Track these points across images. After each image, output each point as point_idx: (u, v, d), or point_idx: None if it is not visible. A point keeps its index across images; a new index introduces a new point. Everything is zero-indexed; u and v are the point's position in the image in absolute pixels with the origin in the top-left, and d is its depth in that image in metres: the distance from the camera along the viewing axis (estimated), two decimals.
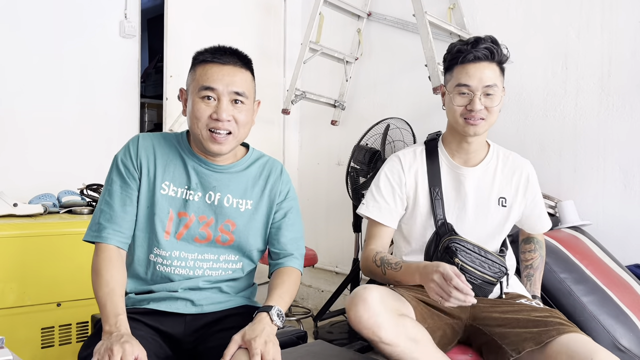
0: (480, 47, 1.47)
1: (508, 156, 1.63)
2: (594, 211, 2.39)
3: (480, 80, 1.46)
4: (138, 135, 1.39)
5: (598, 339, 1.72)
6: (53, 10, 2.71)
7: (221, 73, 1.31)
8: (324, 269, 3.61)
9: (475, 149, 1.56)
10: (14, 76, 2.61)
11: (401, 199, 1.57)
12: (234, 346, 1.16)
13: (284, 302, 1.31)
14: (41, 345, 2.00)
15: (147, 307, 1.33)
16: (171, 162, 1.36)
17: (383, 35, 3.31)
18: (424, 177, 1.55)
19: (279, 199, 1.44)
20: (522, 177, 1.61)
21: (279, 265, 1.42)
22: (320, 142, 3.70)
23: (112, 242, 1.30)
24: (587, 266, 1.97)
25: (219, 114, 1.28)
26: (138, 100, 3.06)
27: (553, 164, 2.54)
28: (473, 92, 1.47)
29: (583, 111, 2.45)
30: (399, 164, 1.58)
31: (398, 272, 1.43)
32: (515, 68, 2.66)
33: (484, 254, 1.46)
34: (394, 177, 1.57)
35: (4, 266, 1.92)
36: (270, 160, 1.47)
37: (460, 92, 1.48)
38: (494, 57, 1.48)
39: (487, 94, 1.47)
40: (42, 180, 2.57)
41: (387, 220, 1.57)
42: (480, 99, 1.46)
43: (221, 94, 1.30)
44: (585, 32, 2.45)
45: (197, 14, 3.28)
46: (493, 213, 1.56)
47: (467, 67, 1.48)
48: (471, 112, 1.47)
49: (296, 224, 1.46)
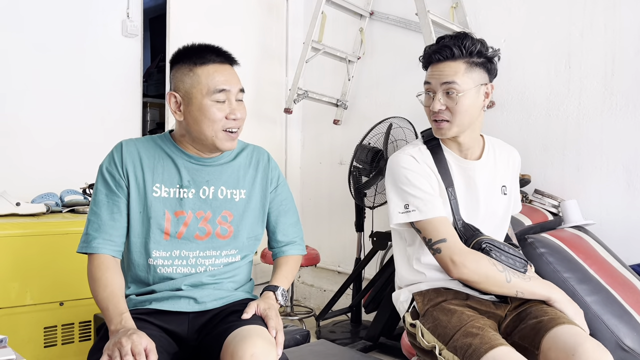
0: (441, 46, 1.44)
1: (501, 145, 1.62)
2: (597, 210, 2.38)
3: (439, 78, 1.43)
4: (121, 142, 1.38)
5: (602, 338, 1.72)
6: (56, 9, 2.71)
7: (228, 73, 1.34)
8: (327, 269, 3.61)
9: (469, 145, 1.53)
10: (18, 75, 2.61)
11: (433, 187, 1.48)
12: (253, 308, 1.29)
13: (288, 282, 1.45)
14: (44, 345, 2.00)
15: (150, 307, 1.33)
16: (159, 163, 1.37)
17: (385, 34, 3.31)
18: (437, 176, 1.51)
19: (272, 187, 1.48)
20: (515, 163, 1.62)
21: (283, 252, 1.51)
22: (322, 141, 3.70)
23: (103, 251, 1.31)
24: (590, 266, 1.96)
25: (235, 114, 1.33)
26: (140, 100, 3.06)
27: (556, 163, 2.53)
28: (433, 92, 1.45)
29: (586, 110, 2.45)
30: (414, 159, 1.49)
31: (528, 282, 1.41)
32: (518, 67, 2.65)
33: (509, 249, 1.46)
34: (419, 170, 1.47)
35: (7, 265, 1.92)
36: (256, 148, 1.51)
37: (425, 92, 1.47)
38: (454, 55, 1.42)
39: (447, 92, 1.42)
40: (45, 179, 2.57)
41: (441, 210, 1.43)
42: (440, 99, 1.43)
43: (232, 94, 1.33)
44: (588, 31, 2.44)
45: (199, 13, 3.28)
46: (499, 203, 1.56)
47: (432, 67, 1.47)
48: (434, 113, 1.45)
49: (291, 209, 1.52)
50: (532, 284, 1.41)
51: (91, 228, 1.33)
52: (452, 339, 1.33)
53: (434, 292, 1.48)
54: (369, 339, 2.61)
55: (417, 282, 1.53)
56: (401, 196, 1.46)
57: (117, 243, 1.34)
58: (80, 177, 2.50)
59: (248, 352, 1.11)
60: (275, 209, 1.48)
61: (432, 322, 1.41)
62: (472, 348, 1.26)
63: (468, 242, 1.45)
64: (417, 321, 1.46)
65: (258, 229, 1.46)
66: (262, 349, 1.13)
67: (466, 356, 1.27)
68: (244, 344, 1.13)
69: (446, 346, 1.33)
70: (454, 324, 1.36)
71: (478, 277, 1.38)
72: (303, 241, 1.55)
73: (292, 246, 1.52)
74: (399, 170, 1.48)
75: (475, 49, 1.44)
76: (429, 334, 1.40)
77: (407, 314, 1.51)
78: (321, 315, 2.93)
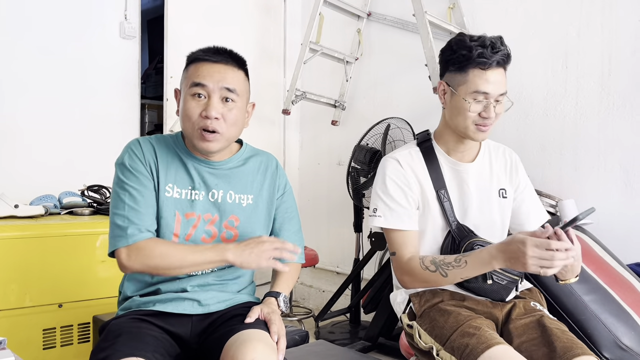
0: (500, 53, 1.39)
1: (498, 147, 1.61)
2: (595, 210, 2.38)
3: (497, 88, 1.40)
4: (137, 138, 1.38)
5: (599, 338, 1.72)
6: (53, 11, 2.71)
7: (212, 70, 1.31)
8: (325, 269, 3.61)
9: (472, 145, 1.53)
10: (15, 78, 2.61)
11: (413, 199, 1.49)
12: (256, 312, 1.29)
13: (288, 289, 1.44)
14: (43, 347, 2.00)
15: (153, 308, 1.31)
16: (171, 163, 1.36)
17: (383, 35, 3.31)
18: (427, 179, 1.51)
19: (279, 194, 1.47)
20: (514, 162, 1.60)
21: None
22: (320, 142, 3.70)
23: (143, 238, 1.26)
24: (588, 265, 1.96)
25: (208, 111, 1.28)
26: (138, 101, 3.06)
27: (554, 163, 2.54)
28: (489, 100, 1.41)
29: (583, 110, 2.45)
30: (399, 165, 1.50)
31: (464, 268, 1.36)
32: (515, 67, 2.64)
33: None
34: (400, 179, 1.49)
35: (5, 267, 1.92)
36: (266, 155, 1.50)
37: (477, 99, 1.41)
38: (508, 63, 1.43)
39: (498, 100, 1.42)
40: (43, 181, 2.57)
41: (409, 224, 1.47)
42: (495, 106, 1.42)
43: (211, 90, 1.30)
44: (585, 31, 2.45)
45: (197, 15, 3.28)
46: (496, 206, 1.54)
47: (487, 73, 1.39)
48: (485, 119, 1.42)
49: (295, 217, 1.52)
50: (468, 267, 1.36)
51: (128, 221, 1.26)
52: (449, 340, 1.33)
53: (431, 293, 1.48)
54: (368, 340, 2.61)
55: None
56: (374, 199, 1.51)
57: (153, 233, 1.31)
58: (78, 179, 2.51)
59: (248, 356, 1.11)
60: (280, 216, 1.47)
61: (429, 323, 1.41)
62: (470, 348, 1.26)
63: (461, 244, 1.45)
64: (414, 322, 1.46)
65: (263, 234, 1.44)
66: (262, 354, 1.13)
67: (463, 356, 1.27)
68: (244, 348, 1.13)
69: (443, 347, 1.33)
70: (450, 324, 1.36)
71: (419, 284, 1.45)
72: (303, 248, 1.53)
73: None
74: (381, 173, 1.52)
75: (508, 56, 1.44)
76: (426, 334, 1.40)
77: (404, 315, 1.51)
78: (320, 316, 2.93)
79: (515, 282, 1.47)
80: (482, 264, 1.34)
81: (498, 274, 1.42)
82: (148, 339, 1.21)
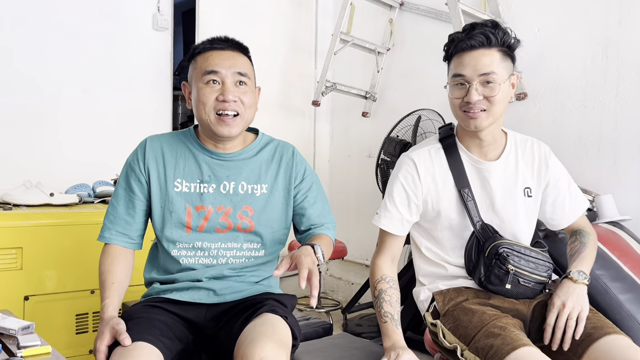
0: (475, 32, 1.36)
1: (525, 141, 1.52)
2: (634, 206, 2.29)
3: (475, 68, 1.35)
4: (146, 138, 1.43)
5: (635, 338, 1.65)
6: (86, 4, 2.77)
7: (222, 57, 1.35)
8: (354, 262, 3.60)
9: (490, 142, 1.46)
10: (49, 72, 2.68)
11: (417, 205, 1.47)
12: (286, 263, 1.20)
13: (325, 247, 1.35)
14: (75, 331, 2.06)
15: (170, 296, 1.35)
16: (181, 158, 1.39)
17: (415, 25, 3.25)
18: (448, 178, 1.46)
19: (297, 181, 1.46)
20: (541, 161, 1.50)
21: (310, 234, 1.45)
22: (351, 134, 3.68)
23: (113, 242, 1.37)
24: (625, 263, 1.89)
25: (225, 95, 1.31)
26: (171, 93, 3.11)
27: (591, 157, 2.44)
28: (468, 82, 1.37)
29: (624, 101, 2.35)
30: (413, 167, 1.47)
31: (381, 323, 1.41)
32: (552, 57, 2.57)
33: (530, 253, 1.41)
34: (409, 184, 1.46)
35: (41, 254, 1.99)
36: (281, 143, 1.49)
37: (456, 84, 1.39)
38: (490, 43, 1.35)
39: (487, 82, 1.35)
40: (78, 170, 2.64)
41: (398, 230, 1.48)
42: (477, 89, 1.36)
43: (225, 76, 1.33)
44: (626, 19, 2.34)
45: (229, 6, 3.29)
46: (520, 206, 1.48)
47: (462, 56, 1.37)
48: (468, 104, 1.37)
49: (318, 201, 1.48)
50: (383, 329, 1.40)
51: (107, 219, 1.40)
52: (473, 340, 1.30)
53: (455, 292, 1.45)
54: None
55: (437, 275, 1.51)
56: (384, 200, 1.51)
57: (130, 236, 1.39)
58: (111, 169, 2.56)
59: (257, 355, 1.11)
60: (299, 203, 1.46)
61: (453, 323, 1.39)
62: (494, 349, 1.23)
63: (485, 245, 1.41)
64: (437, 321, 1.43)
65: (281, 224, 1.44)
66: (272, 353, 1.13)
67: (488, 357, 1.24)
68: (253, 347, 1.13)
69: (468, 347, 1.31)
70: (475, 324, 1.33)
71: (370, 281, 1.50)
72: (334, 227, 1.50)
73: (320, 228, 1.46)
74: (394, 172, 1.51)
75: (509, 39, 1.38)
76: (450, 334, 1.38)
77: (428, 314, 1.49)
78: (347, 308, 2.93)
79: (543, 284, 1.43)
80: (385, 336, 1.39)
81: (525, 277, 1.39)
82: (157, 324, 1.24)
